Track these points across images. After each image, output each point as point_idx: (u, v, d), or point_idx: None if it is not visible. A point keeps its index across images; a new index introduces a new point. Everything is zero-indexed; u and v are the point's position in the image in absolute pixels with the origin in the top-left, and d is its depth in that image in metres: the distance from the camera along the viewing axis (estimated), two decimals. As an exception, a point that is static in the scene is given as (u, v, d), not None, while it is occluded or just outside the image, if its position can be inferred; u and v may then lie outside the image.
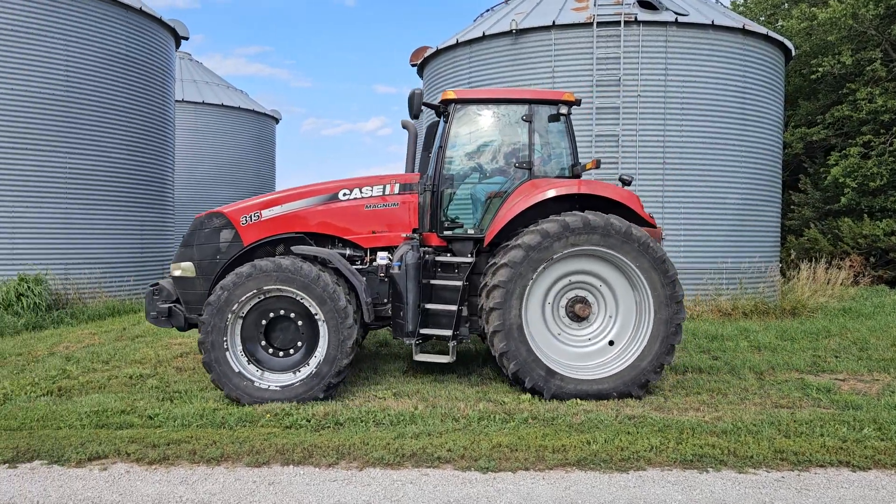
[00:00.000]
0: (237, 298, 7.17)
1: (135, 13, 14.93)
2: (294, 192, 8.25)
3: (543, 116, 8.13)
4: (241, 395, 7.13)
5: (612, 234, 7.25)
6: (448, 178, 8.09)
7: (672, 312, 7.30)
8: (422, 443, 5.87)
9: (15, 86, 12.96)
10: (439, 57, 15.95)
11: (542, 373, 7.29)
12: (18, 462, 5.58)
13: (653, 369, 7.34)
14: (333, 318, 7.16)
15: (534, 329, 7.48)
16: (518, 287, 7.28)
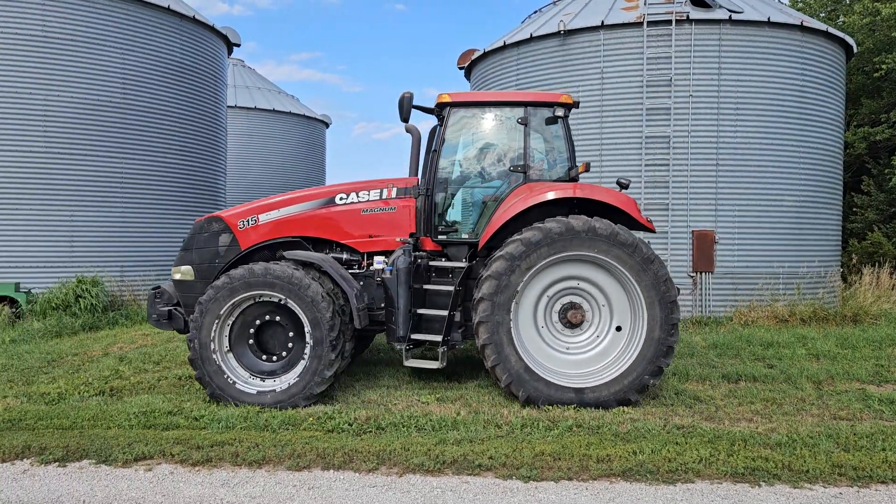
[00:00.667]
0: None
1: (188, 22, 15.27)
2: (291, 196, 8.30)
3: (540, 119, 7.99)
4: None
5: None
6: (442, 182, 8.03)
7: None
8: (463, 449, 5.78)
9: (75, 94, 13.38)
10: (487, 59, 15.86)
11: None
12: (68, 461, 5.70)
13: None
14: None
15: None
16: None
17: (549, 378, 7.17)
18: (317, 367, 7.11)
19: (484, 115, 8.21)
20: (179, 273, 8.07)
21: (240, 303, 7.32)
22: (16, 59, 12.92)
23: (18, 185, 12.97)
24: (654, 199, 13.17)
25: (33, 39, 13.00)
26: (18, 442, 6.01)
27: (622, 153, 13.37)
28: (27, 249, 13.05)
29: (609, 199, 7.47)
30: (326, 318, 7.08)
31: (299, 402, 7.11)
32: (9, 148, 12.91)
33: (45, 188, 13.16)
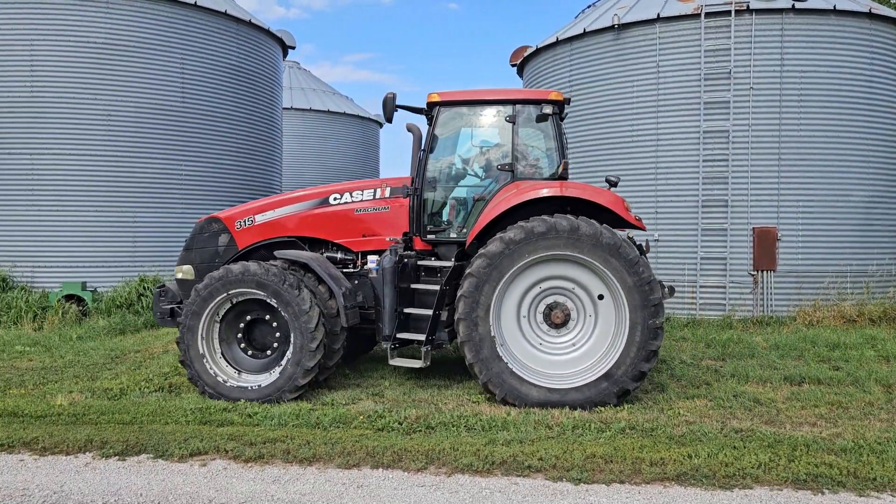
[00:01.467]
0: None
1: (245, 25, 15.57)
2: (286, 197, 8.50)
3: (529, 117, 7.86)
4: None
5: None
6: (431, 182, 8.00)
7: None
8: (513, 450, 5.72)
9: (137, 98, 13.79)
10: (539, 56, 15.70)
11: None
12: (127, 455, 5.86)
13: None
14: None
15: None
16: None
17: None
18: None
19: (473, 114, 8.15)
20: (181, 272, 8.35)
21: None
22: (82, 65, 13.39)
23: (84, 187, 13.44)
24: (712, 196, 12.82)
25: (98, 47, 13.46)
26: (81, 436, 6.21)
27: (679, 148, 13.05)
28: (92, 249, 13.52)
29: (596, 198, 7.32)
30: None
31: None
32: (75, 152, 13.40)
33: (110, 190, 13.60)
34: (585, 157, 14.16)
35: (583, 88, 14.24)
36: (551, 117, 7.77)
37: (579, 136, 14.28)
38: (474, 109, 8.10)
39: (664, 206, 13.15)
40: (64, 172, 13.37)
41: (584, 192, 7.35)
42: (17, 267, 13.25)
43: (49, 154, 13.34)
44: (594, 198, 7.30)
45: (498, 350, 7.13)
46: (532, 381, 7.07)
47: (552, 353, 7.32)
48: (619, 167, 13.56)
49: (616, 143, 13.69)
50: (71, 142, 13.38)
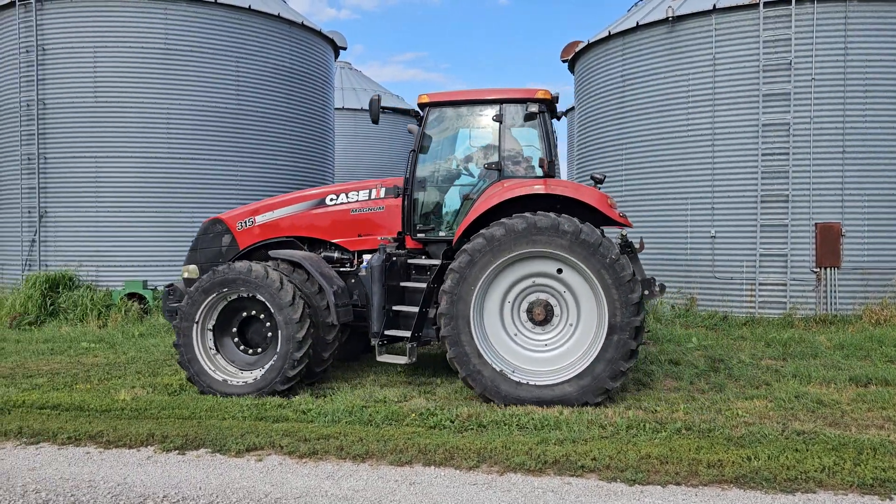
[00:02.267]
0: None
1: (297, 28, 15.81)
2: (285, 198, 8.78)
3: (516, 115, 7.88)
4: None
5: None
6: (421, 182, 8.09)
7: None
8: (565, 450, 5.66)
9: (194, 102, 14.15)
10: (591, 51, 15.51)
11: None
12: (187, 449, 6.01)
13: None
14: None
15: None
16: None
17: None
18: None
19: (461, 115, 8.18)
20: (187, 272, 8.62)
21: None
22: (141, 70, 13.81)
23: (145, 189, 13.86)
24: (771, 190, 12.45)
25: (156, 52, 13.85)
26: (143, 430, 6.40)
27: (736, 143, 12.71)
28: (153, 249, 13.93)
29: (580, 196, 7.29)
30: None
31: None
32: (136, 155, 13.83)
33: (168, 191, 13.99)
34: (638, 153, 13.93)
35: (635, 83, 14.00)
36: (539, 115, 7.75)
37: (631, 132, 14.06)
38: (462, 110, 8.15)
39: (721, 202, 12.84)
40: (125, 175, 13.81)
41: (568, 190, 7.36)
42: (83, 266, 13.75)
43: (111, 158, 13.79)
44: (578, 195, 7.30)
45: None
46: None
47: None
48: (673, 163, 13.30)
49: (670, 139, 13.42)
50: (132, 145, 13.81)
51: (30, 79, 13.88)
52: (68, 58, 13.81)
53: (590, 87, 15.59)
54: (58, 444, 6.19)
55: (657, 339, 10.57)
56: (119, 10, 13.76)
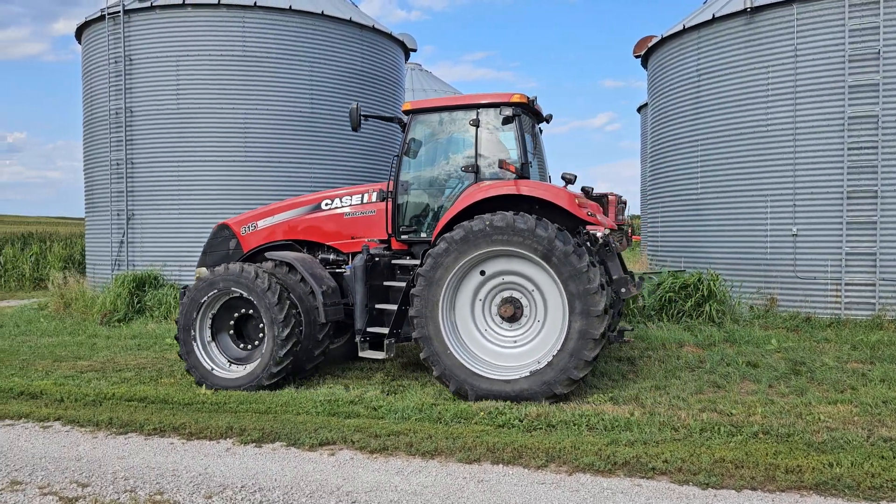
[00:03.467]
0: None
1: (369, 31, 16.07)
2: (284, 203, 9.30)
3: (492, 119, 8.03)
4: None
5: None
6: (404, 185, 8.36)
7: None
8: (636, 451, 5.58)
9: (270, 107, 14.58)
10: (664, 46, 15.17)
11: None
12: (263, 442, 6.22)
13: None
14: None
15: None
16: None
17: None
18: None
19: (441, 120, 8.42)
20: (199, 274, 9.00)
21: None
22: (220, 77, 14.32)
23: (224, 192, 14.37)
24: (859, 186, 11.88)
25: (234, 59, 14.35)
26: (223, 423, 6.66)
27: (819, 137, 12.19)
28: (233, 250, 14.41)
29: (545, 196, 7.45)
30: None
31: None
32: (216, 159, 14.35)
33: (246, 193, 14.45)
34: (714, 150, 13.54)
35: (711, 77, 13.62)
36: (515, 119, 7.89)
37: (706, 128, 13.68)
38: (443, 115, 8.39)
39: (803, 199, 12.34)
40: (206, 178, 14.36)
41: (535, 191, 7.50)
42: (167, 266, 14.37)
43: (193, 161, 14.36)
44: (545, 196, 7.45)
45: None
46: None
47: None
48: (752, 159, 12.86)
49: (748, 134, 12.99)
50: (212, 149, 14.34)
51: (118, 88, 14.60)
52: (153, 67, 14.46)
53: (663, 83, 15.26)
54: (144, 435, 6.51)
55: (733, 340, 10.25)
56: (200, 20, 14.31)
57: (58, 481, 5.37)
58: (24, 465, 5.71)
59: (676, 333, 10.51)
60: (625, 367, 8.83)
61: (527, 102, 8.04)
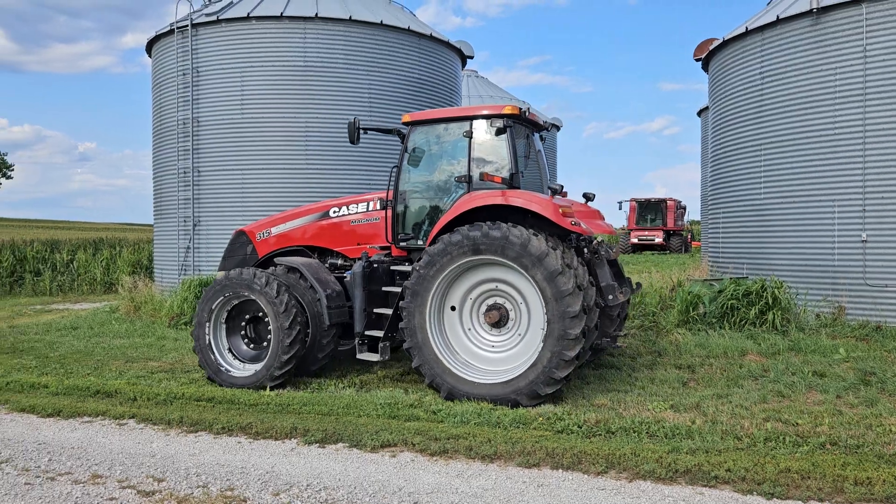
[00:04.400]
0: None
1: (426, 39, 16.28)
2: (295, 211, 9.71)
3: (486, 131, 8.23)
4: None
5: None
6: (402, 194, 8.66)
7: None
8: (698, 459, 5.53)
9: (329, 114, 14.90)
10: (726, 48, 14.90)
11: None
12: (326, 443, 6.39)
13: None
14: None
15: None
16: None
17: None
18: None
19: (438, 131, 8.67)
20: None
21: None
22: (282, 87, 14.72)
23: (285, 197, 14.70)
24: (932, 191, 11.44)
25: (296, 69, 14.72)
26: (287, 424, 6.86)
27: (890, 139, 11.78)
28: (294, 255, 14.77)
29: (531, 206, 7.59)
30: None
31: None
32: (277, 165, 14.74)
33: (306, 200, 14.73)
34: (778, 154, 13.23)
35: (775, 80, 13.32)
36: (508, 130, 8.08)
37: (770, 132, 13.38)
38: (438, 127, 8.64)
39: (873, 204, 11.95)
40: (268, 185, 14.75)
41: (520, 200, 7.66)
42: (232, 271, 14.79)
43: (256, 169, 14.78)
44: (529, 205, 7.60)
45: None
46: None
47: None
48: (818, 163, 12.52)
49: (814, 138, 12.65)
50: (274, 157, 14.74)
51: (185, 99, 15.15)
52: (219, 78, 14.96)
53: (725, 86, 14.99)
54: (213, 434, 6.76)
55: (799, 349, 9.99)
56: (263, 32, 14.75)
57: (135, 476, 5.63)
58: (104, 460, 6.01)
59: (739, 342, 10.31)
60: (685, 375, 8.73)
61: (519, 113, 8.23)
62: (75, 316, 16.19)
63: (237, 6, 15.28)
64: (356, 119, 8.77)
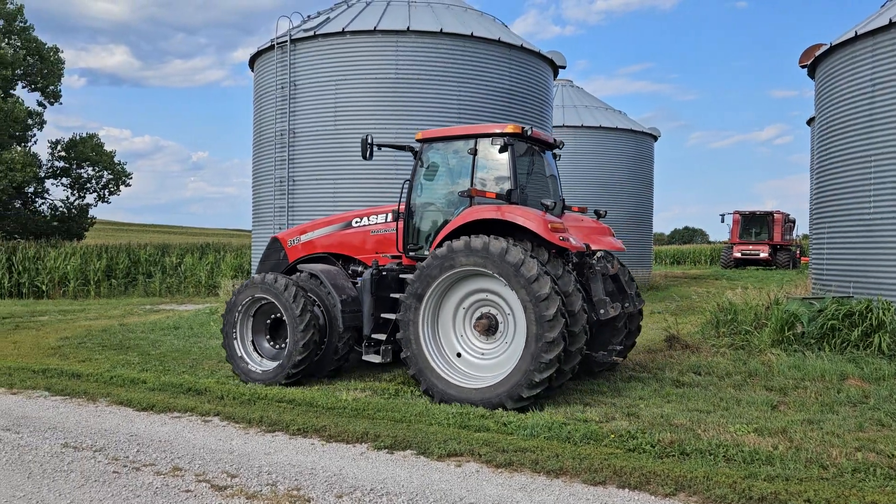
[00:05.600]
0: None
1: (517, 50, 16.30)
2: (324, 220, 10.36)
3: (489, 148, 8.63)
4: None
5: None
6: (412, 207, 9.17)
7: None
8: (775, 487, 5.23)
9: (420, 126, 15.05)
10: (834, 54, 14.12)
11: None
12: (395, 449, 6.47)
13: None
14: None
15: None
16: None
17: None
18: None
19: (446, 148, 9.17)
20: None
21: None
22: (374, 99, 15.13)
23: (376, 207, 15.06)
24: None
25: (388, 81, 15.09)
26: (360, 428, 6.99)
27: None
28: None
29: (518, 220, 7.94)
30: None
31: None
32: (368, 175, 15.10)
33: (396, 210, 15.07)
34: (890, 166, 12.38)
35: (887, 87, 12.51)
36: (510, 147, 8.46)
37: (882, 142, 12.56)
38: (447, 144, 9.14)
39: None
40: (360, 194, 15.14)
41: (510, 215, 8.00)
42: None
43: (347, 179, 15.23)
44: (519, 221, 7.95)
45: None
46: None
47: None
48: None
49: (930, 148, 11.78)
50: (364, 168, 15.05)
51: (283, 111, 15.82)
52: (314, 91, 15.53)
53: (832, 94, 14.19)
54: (289, 434, 6.98)
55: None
56: (357, 46, 15.21)
57: (211, 470, 5.90)
58: (185, 454, 6.33)
59: (839, 364, 9.69)
60: (775, 398, 8.29)
61: (521, 132, 8.60)
62: (179, 316, 17.13)
63: (333, 21, 15.82)
64: (369, 135, 9.33)
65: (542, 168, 9.48)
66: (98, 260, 24.99)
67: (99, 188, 31.46)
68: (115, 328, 14.87)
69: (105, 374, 9.58)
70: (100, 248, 26.24)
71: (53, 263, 24.10)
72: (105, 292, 24.52)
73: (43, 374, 9.72)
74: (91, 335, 13.88)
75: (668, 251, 60.54)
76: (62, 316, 17.68)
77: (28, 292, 23.79)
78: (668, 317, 14.73)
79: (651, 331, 13.47)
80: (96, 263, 24.76)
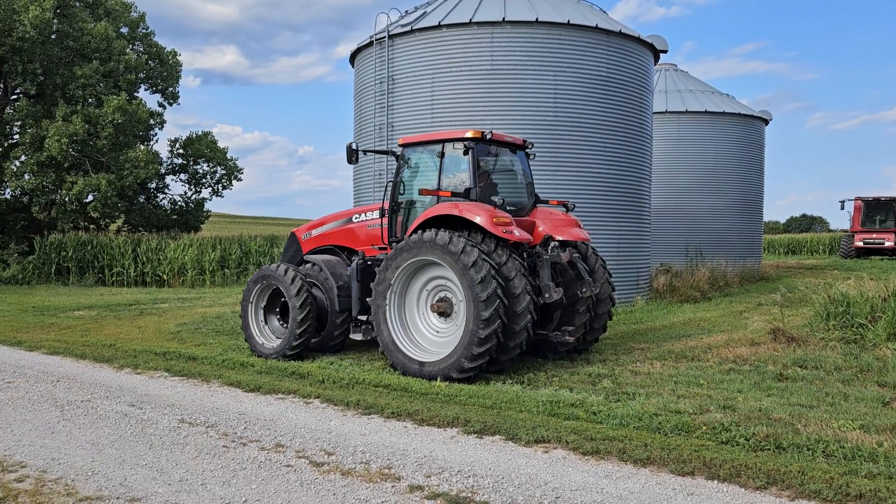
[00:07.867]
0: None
1: (615, 36, 16.01)
2: (331, 216, 11.55)
3: (455, 151, 9.68)
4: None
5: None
6: (394, 205, 10.23)
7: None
8: (875, 485, 5.03)
9: (516, 115, 15.20)
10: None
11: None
12: (484, 434, 6.64)
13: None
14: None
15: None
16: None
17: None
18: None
19: (421, 152, 10.23)
20: None
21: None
22: (469, 90, 15.28)
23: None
24: None
25: (483, 72, 15.19)
26: (451, 413, 7.20)
27: None
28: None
29: (468, 216, 8.91)
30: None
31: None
32: (465, 167, 15.27)
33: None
34: None
35: None
36: (470, 151, 9.42)
37: None
38: (422, 148, 10.19)
39: None
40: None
41: (461, 211, 8.97)
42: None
43: (444, 170, 15.43)
44: (467, 216, 8.92)
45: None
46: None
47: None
48: None
49: None
50: (461, 158, 15.30)
51: (382, 105, 16.24)
52: (411, 84, 15.86)
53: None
54: (384, 417, 7.28)
55: None
56: (452, 39, 15.40)
57: (310, 448, 6.26)
58: (288, 433, 6.74)
59: (963, 360, 9.05)
60: (888, 394, 7.86)
61: (481, 136, 9.50)
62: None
63: (430, 16, 16.08)
64: (354, 142, 10.37)
65: (512, 167, 10.57)
66: (213, 251, 26.50)
67: (213, 183, 33.23)
68: (227, 315, 15.79)
69: (217, 358, 10.25)
70: (214, 240, 27.80)
71: (173, 254, 25.77)
72: (219, 281, 25.99)
73: (163, 357, 10.52)
74: (206, 321, 14.82)
75: (783, 240, 57.53)
76: (181, 303, 18.94)
77: (151, 281, 25.57)
78: (773, 309, 14.13)
79: (755, 323, 12.99)
80: (211, 254, 26.27)
